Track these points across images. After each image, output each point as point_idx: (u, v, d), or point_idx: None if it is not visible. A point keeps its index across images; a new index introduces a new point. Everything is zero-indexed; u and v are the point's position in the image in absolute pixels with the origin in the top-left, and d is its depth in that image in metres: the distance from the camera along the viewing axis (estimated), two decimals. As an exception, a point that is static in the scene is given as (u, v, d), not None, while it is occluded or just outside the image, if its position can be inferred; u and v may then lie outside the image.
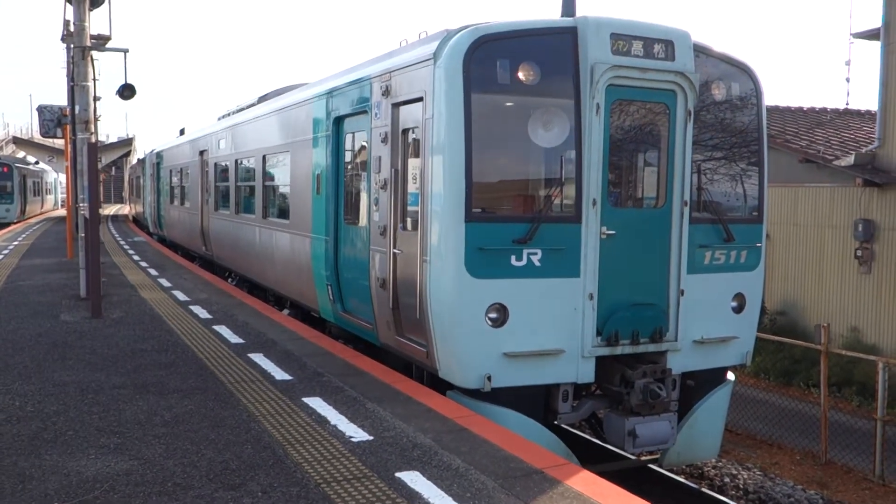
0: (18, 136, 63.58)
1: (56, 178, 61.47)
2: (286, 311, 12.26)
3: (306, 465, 5.24)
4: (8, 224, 38.78)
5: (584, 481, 5.08)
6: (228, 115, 17.51)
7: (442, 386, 7.22)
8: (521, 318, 6.91)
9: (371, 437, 5.81)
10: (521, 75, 6.85)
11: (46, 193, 56.64)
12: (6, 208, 40.48)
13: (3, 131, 66.92)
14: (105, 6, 15.13)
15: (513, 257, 6.85)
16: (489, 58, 6.79)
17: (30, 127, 61.71)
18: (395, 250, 7.81)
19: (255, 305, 12.41)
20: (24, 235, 29.72)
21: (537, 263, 6.91)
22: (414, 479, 5.00)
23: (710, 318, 7.72)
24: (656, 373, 7.34)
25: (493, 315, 6.86)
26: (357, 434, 5.89)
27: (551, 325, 7.02)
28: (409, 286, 7.52)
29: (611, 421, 7.49)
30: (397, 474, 5.08)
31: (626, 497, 4.92)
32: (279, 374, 7.76)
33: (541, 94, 7.02)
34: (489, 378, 6.83)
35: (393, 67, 7.94)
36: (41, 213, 52.47)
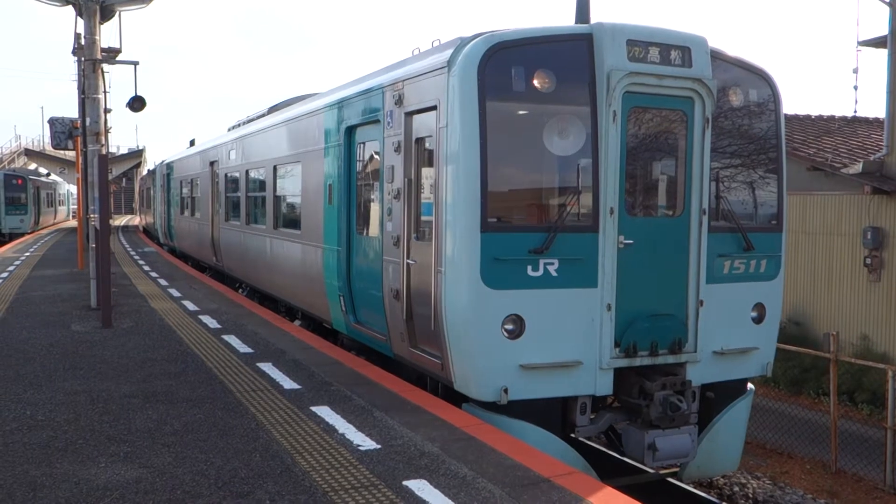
0: (30, 147, 64.07)
1: (68, 189, 62.00)
2: (298, 322, 12.19)
3: (314, 474, 5.27)
4: (22, 234, 39.76)
5: (592, 490, 5.08)
6: (238, 125, 17.55)
7: (457, 398, 7.13)
8: (537, 329, 6.80)
9: (379, 446, 5.84)
10: (536, 83, 6.76)
11: (59, 205, 57.66)
12: (20, 219, 41.45)
13: (15, 143, 67.47)
14: (115, 19, 15.30)
15: (529, 267, 6.74)
16: (504, 65, 6.70)
17: (41, 139, 62.22)
18: (409, 261, 7.71)
19: (264, 315, 12.46)
20: (35, 247, 29.93)
21: (554, 274, 6.80)
22: (421, 488, 5.02)
23: (729, 329, 7.58)
24: (676, 385, 7.18)
25: (509, 326, 6.75)
26: (365, 443, 5.92)
27: (568, 336, 6.90)
28: (423, 297, 7.42)
29: (630, 434, 7.35)
30: (405, 482, 5.10)
31: (632, 505, 4.92)
32: (288, 384, 7.80)
33: (556, 102, 6.94)
34: (506, 391, 6.70)
35: (406, 76, 7.86)
36: (54, 224, 53.39)
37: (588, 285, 6.92)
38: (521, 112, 7.04)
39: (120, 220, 63.79)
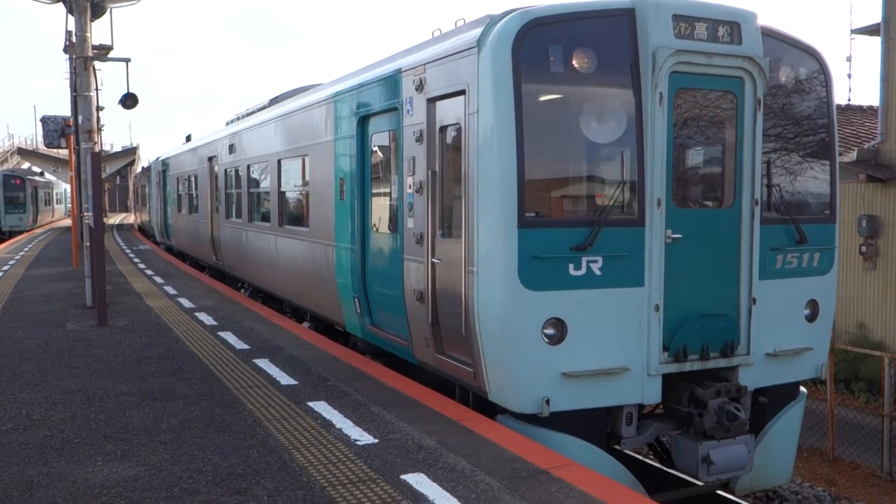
0: (23, 146, 63.90)
1: (65, 188, 62.32)
2: (307, 324, 11.69)
3: (312, 469, 5.26)
4: (21, 231, 41.48)
5: (590, 481, 5.08)
6: (237, 119, 17.03)
7: (490, 409, 6.66)
8: (580, 333, 6.26)
9: (376, 440, 5.83)
10: (575, 63, 6.23)
11: (57, 203, 59.44)
12: (19, 217, 43.19)
13: (8, 142, 67.28)
14: (106, 16, 15.22)
15: (571, 266, 6.19)
16: (540, 44, 6.15)
17: (34, 137, 62.07)
18: (435, 260, 7.17)
19: (260, 312, 12.44)
20: (29, 246, 29.85)
21: (597, 272, 6.26)
22: (419, 481, 5.01)
23: (782, 328, 7.06)
24: (731, 391, 6.63)
25: (549, 331, 6.20)
26: (362, 437, 5.91)
27: (614, 340, 6.36)
28: (451, 299, 6.89)
29: (681, 446, 6.74)
30: (403, 476, 5.10)
31: (631, 496, 4.93)
32: (285, 380, 7.78)
33: (598, 84, 6.42)
34: (547, 401, 6.17)
35: (428, 59, 7.26)
36: (52, 222, 55.27)
37: (634, 284, 6.37)
38: (559, 95, 6.51)
39: (115, 219, 63.77)
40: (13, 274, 18.95)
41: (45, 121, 21.17)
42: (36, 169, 57.97)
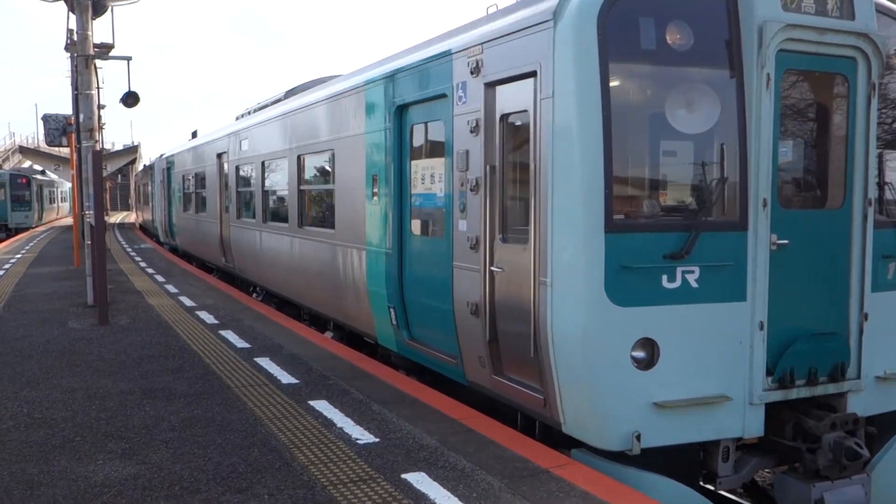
0: (24, 145, 64.01)
1: (70, 187, 62.79)
2: (329, 334, 10.93)
3: (313, 468, 5.26)
4: (27, 228, 43.77)
5: (590, 480, 5.08)
6: (248, 113, 16.39)
7: (564, 441, 5.90)
8: (674, 356, 5.42)
9: (377, 439, 5.83)
10: (669, 39, 5.41)
11: (61, 201, 60.74)
12: (25, 215, 45.53)
13: (9, 140, 67.35)
14: (108, 15, 15.23)
15: (664, 277, 5.37)
16: (629, 16, 5.34)
17: (36, 136, 62.22)
18: (494, 268, 6.34)
19: (261, 310, 12.45)
20: (30, 245, 29.87)
21: (694, 285, 5.44)
22: (420, 480, 5.02)
23: (893, 348, 6.22)
24: (848, 423, 5.76)
25: (639, 353, 5.36)
26: (363, 436, 5.92)
27: (712, 364, 5.51)
28: (515, 314, 6.07)
29: (789, 486, 5.87)
30: (403, 476, 5.10)
31: (631, 494, 4.92)
32: (285, 378, 7.79)
33: (694, 64, 5.59)
34: (638, 437, 5.30)
35: (486, 37, 6.39)
36: (56, 219, 57.00)
37: (735, 299, 5.53)
38: (652, 77, 5.69)
39: (116, 217, 63.95)
40: (14, 272, 18.97)
41: (47, 119, 21.21)
42: (37, 167, 58.15)
